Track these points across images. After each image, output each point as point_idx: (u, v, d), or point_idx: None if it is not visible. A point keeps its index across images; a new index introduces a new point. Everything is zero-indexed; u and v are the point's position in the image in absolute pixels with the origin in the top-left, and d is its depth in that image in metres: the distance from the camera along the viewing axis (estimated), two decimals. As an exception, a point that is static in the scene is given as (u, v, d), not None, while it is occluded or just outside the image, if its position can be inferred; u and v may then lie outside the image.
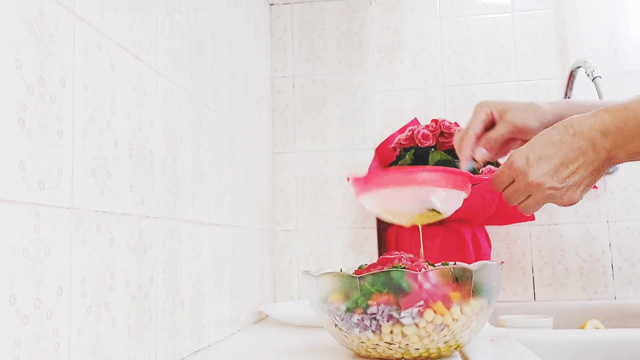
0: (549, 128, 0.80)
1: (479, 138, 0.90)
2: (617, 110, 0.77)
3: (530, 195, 0.80)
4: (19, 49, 0.51)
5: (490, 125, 0.91)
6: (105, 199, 0.65)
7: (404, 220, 0.88)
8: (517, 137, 0.90)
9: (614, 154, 0.77)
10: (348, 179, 0.87)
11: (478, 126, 0.90)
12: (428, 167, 1.12)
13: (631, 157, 0.77)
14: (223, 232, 1.06)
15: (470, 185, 0.86)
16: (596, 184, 1.49)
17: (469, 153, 0.89)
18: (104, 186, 0.65)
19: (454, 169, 0.87)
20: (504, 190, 0.82)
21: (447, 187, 0.83)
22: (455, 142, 0.93)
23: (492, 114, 0.90)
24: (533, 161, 0.78)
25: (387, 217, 0.89)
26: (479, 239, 1.38)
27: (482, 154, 0.89)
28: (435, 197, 0.83)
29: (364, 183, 0.86)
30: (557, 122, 0.80)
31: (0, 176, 0.48)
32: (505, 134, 0.89)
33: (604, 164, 0.78)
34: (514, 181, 0.80)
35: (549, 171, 0.77)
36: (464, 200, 0.84)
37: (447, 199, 0.84)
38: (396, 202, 0.85)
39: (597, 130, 0.76)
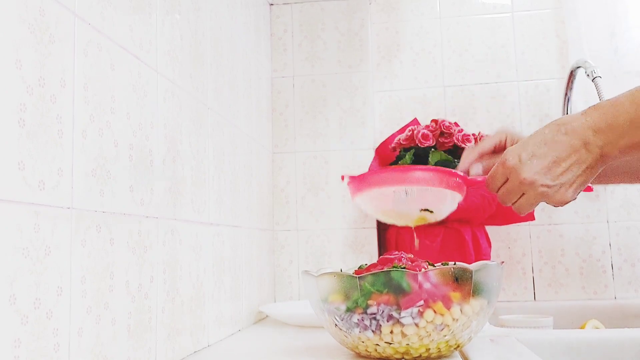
0: (541, 127, 0.81)
1: (482, 156, 0.92)
2: (606, 106, 0.78)
3: (523, 194, 0.81)
4: (19, 49, 0.51)
5: (500, 150, 0.93)
6: (105, 199, 0.65)
7: (399, 221, 0.89)
8: None
9: (607, 151, 0.77)
10: (343, 179, 0.88)
11: (487, 146, 0.92)
12: (422, 166, 1.13)
13: (624, 153, 0.78)
14: (223, 232, 1.06)
15: (466, 187, 0.87)
16: (592, 186, 1.49)
17: (467, 165, 0.91)
18: (104, 186, 0.65)
19: (449, 169, 0.87)
20: (498, 190, 0.83)
21: (440, 187, 0.83)
22: (465, 151, 0.95)
23: (505, 141, 0.92)
24: (526, 159, 0.79)
25: (382, 218, 0.90)
26: (479, 239, 1.38)
27: (476, 170, 0.92)
28: (429, 197, 0.83)
29: (359, 182, 0.86)
30: None
31: (0, 176, 0.48)
32: None
33: (597, 162, 0.78)
34: (507, 180, 0.81)
35: (542, 169, 0.78)
36: (465, 200, 0.84)
37: (441, 200, 0.85)
38: (390, 202, 0.85)
39: (589, 128, 0.77)
